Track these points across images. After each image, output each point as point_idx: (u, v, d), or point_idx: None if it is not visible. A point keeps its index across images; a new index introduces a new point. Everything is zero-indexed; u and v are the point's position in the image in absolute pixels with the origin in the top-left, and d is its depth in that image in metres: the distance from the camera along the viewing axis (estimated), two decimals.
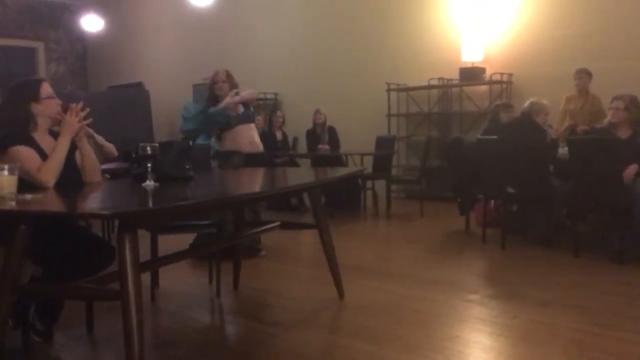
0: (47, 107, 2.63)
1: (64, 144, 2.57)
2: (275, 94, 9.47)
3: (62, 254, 2.40)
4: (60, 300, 2.63)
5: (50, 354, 2.58)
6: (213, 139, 8.46)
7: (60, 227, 2.42)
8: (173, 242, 3.35)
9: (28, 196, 2.14)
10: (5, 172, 2.12)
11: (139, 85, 11.47)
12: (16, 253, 1.98)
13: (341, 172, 3.86)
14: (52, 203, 2.25)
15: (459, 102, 7.66)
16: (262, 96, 9.44)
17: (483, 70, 7.28)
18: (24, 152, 2.49)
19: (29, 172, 2.44)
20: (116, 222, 2.00)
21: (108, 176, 5.06)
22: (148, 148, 2.50)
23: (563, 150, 4.62)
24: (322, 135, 7.29)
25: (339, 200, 6.79)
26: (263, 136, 7.62)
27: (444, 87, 7.63)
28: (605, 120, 4.57)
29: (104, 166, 4.95)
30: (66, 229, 2.49)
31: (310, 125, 7.43)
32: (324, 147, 7.17)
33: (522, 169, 4.58)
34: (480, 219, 5.19)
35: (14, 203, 2.04)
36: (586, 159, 4.17)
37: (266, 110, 9.07)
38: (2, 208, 1.97)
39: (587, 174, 4.17)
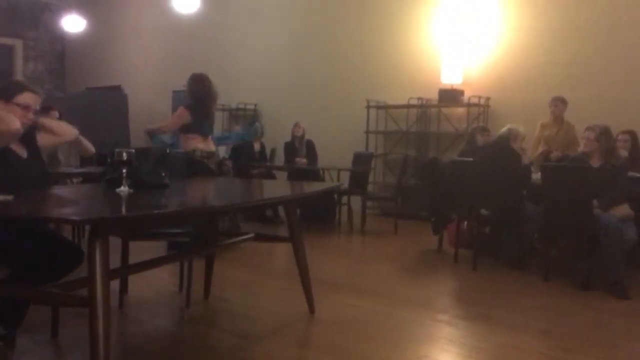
0: (11, 111, 2.58)
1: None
2: (255, 105, 9.47)
3: (30, 256, 2.36)
4: (24, 304, 2.57)
5: (12, 359, 2.52)
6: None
7: (29, 230, 2.37)
8: (144, 248, 3.31)
9: (7, 197, 2.10)
10: None
11: (118, 88, 11.38)
12: None
13: (318, 186, 3.86)
14: (24, 206, 2.20)
15: (437, 123, 7.74)
16: (241, 106, 9.43)
17: (462, 92, 7.37)
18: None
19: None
20: (87, 227, 1.96)
21: (80, 179, 5.03)
22: (124, 153, 2.48)
23: (536, 175, 4.70)
24: (300, 149, 7.30)
25: (314, 214, 6.78)
26: (240, 147, 7.65)
27: (423, 107, 7.70)
28: (579, 149, 4.66)
29: (77, 170, 4.93)
30: (35, 232, 2.44)
31: (288, 138, 7.43)
32: (302, 161, 7.17)
33: (496, 191, 4.64)
34: (453, 239, 5.22)
35: None
36: (558, 184, 4.24)
37: (245, 120, 9.06)
38: None
39: (558, 199, 4.24)
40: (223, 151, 8.44)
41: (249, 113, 9.47)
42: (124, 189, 2.43)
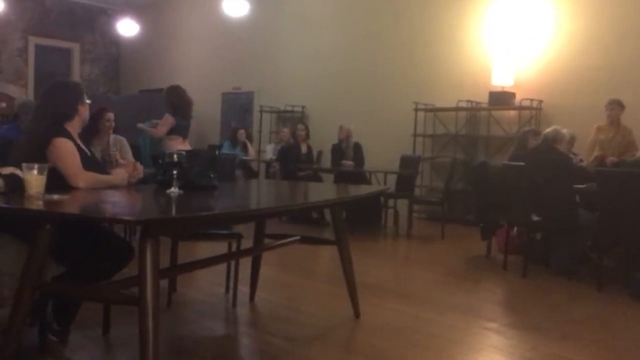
0: (85, 111, 2.80)
1: (114, 181, 2.74)
2: (303, 107, 9.53)
3: (85, 254, 2.43)
4: (77, 301, 2.65)
5: (65, 354, 2.60)
6: (238, 148, 8.63)
7: (84, 228, 2.45)
8: (193, 248, 3.37)
9: (55, 196, 2.17)
10: (35, 172, 2.18)
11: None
12: (40, 251, 2.00)
13: (364, 189, 3.85)
14: (79, 205, 2.29)
15: (487, 126, 7.61)
16: (289, 108, 9.51)
17: (513, 95, 7.22)
18: (68, 146, 2.59)
19: (70, 167, 2.54)
20: (139, 227, 2.01)
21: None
22: (175, 155, 2.52)
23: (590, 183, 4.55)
24: (346, 151, 7.30)
25: (360, 216, 6.76)
26: (288, 148, 7.72)
27: (472, 110, 7.59)
28: (638, 154, 4.50)
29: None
30: (90, 230, 2.52)
31: (335, 140, 7.44)
32: (348, 163, 7.17)
33: (548, 196, 4.53)
34: (502, 245, 5.12)
35: (41, 203, 2.07)
36: (614, 191, 4.10)
37: (292, 122, 9.13)
38: (30, 207, 2.01)
39: (614, 207, 4.10)
40: (270, 153, 8.56)
41: (296, 115, 9.54)
42: (174, 190, 2.47)
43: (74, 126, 2.73)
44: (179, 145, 5.12)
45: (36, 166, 2.17)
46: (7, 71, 11.32)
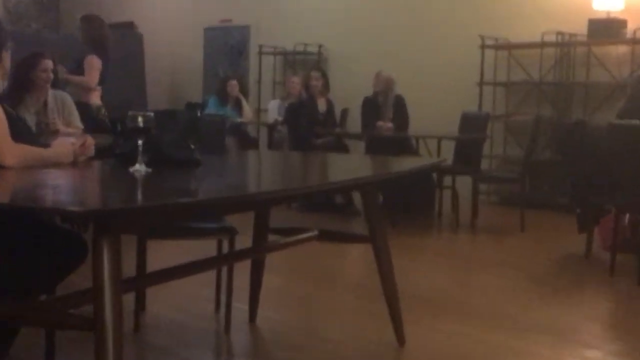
0: (7, 59, 2.88)
1: (54, 157, 2.77)
2: (319, 47, 9.49)
3: (17, 254, 2.46)
4: (13, 325, 2.69)
5: None
6: (229, 107, 8.66)
7: (14, 222, 2.46)
8: (168, 249, 3.39)
9: None
10: None
11: (129, 26, 11.57)
12: None
13: (409, 163, 3.85)
14: (6, 191, 2.31)
15: (585, 69, 7.55)
16: (300, 49, 9.47)
17: (623, 23, 7.14)
18: None
19: None
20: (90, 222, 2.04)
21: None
22: (139, 118, 2.53)
23: None
24: (384, 109, 7.27)
25: (404, 202, 6.77)
26: (300, 105, 7.72)
27: (564, 46, 7.53)
28: None
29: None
30: (23, 224, 2.54)
31: (368, 93, 7.43)
32: (387, 126, 7.15)
33: None
34: (608, 240, 5.09)
35: None
36: None
37: (305, 69, 9.11)
38: None
39: None
40: (275, 112, 8.56)
41: (310, 58, 9.51)
42: (139, 168, 2.49)
43: None
44: (98, 100, 5.47)
45: None
46: None
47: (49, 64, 5.05)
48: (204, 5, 10.64)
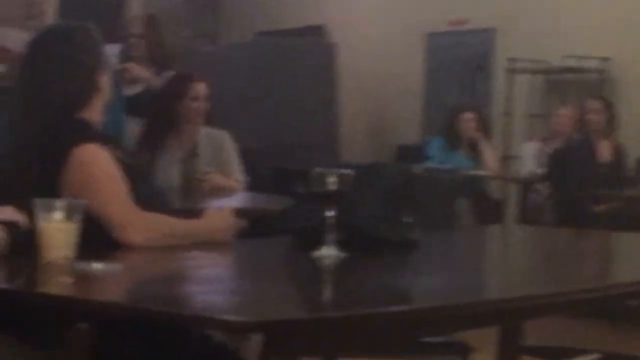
0: (106, 82, 3.08)
1: (205, 233, 2.89)
2: (602, 62, 9.33)
3: None
4: None
5: None
6: (461, 154, 8.64)
7: (148, 331, 2.53)
8: None
9: (97, 266, 2.30)
10: (58, 215, 2.32)
11: (318, 31, 11.96)
12: None
13: None
14: (125, 284, 2.42)
15: None
16: (572, 64, 9.35)
17: None
18: (104, 161, 2.80)
19: (113, 204, 2.73)
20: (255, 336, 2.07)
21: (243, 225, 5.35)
22: (331, 178, 2.58)
23: None
24: None
25: None
26: (570, 151, 7.57)
27: None
28: None
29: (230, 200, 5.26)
30: (159, 333, 2.63)
31: None
32: None
33: None
34: None
35: (69, 280, 2.22)
36: None
37: (580, 95, 8.96)
38: (48, 292, 2.16)
39: None
40: (532, 162, 8.47)
41: (588, 79, 9.36)
42: (328, 252, 2.54)
43: (95, 114, 2.95)
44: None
45: (59, 204, 2.31)
46: (7, 3, 12.20)
47: (201, 89, 5.22)
48: (425, 1, 10.83)
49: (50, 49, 2.99)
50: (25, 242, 2.37)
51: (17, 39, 5.12)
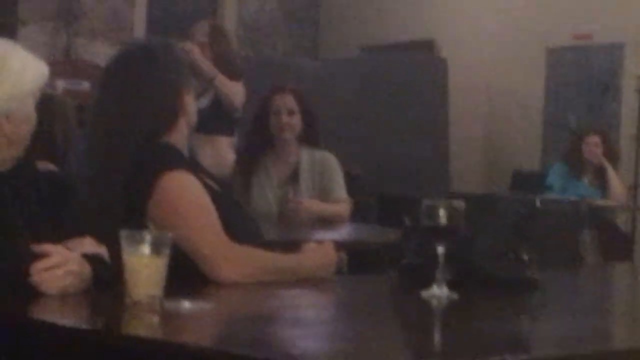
0: (192, 102, 3.23)
1: (298, 272, 2.95)
2: None
3: None
4: None
5: None
6: (586, 181, 8.39)
7: None
8: None
9: (186, 305, 2.38)
10: (145, 249, 2.35)
11: (427, 46, 11.86)
12: None
13: None
14: (228, 331, 2.41)
15: None
16: None
17: None
18: (196, 191, 2.90)
19: (204, 237, 2.82)
20: None
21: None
22: (442, 211, 2.54)
23: None
24: None
25: None
26: None
27: None
28: None
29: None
30: None
31: None
32: None
33: None
34: None
35: (157, 320, 2.29)
36: None
37: None
38: (132, 333, 2.26)
39: None
40: None
41: None
42: (438, 292, 2.55)
43: (181, 138, 3.05)
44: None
45: (147, 237, 2.36)
46: (94, 17, 12.33)
47: (287, 101, 5.07)
48: (546, 13, 10.62)
49: (132, 69, 3.07)
50: (109, 277, 2.47)
51: (107, 56, 5.08)
